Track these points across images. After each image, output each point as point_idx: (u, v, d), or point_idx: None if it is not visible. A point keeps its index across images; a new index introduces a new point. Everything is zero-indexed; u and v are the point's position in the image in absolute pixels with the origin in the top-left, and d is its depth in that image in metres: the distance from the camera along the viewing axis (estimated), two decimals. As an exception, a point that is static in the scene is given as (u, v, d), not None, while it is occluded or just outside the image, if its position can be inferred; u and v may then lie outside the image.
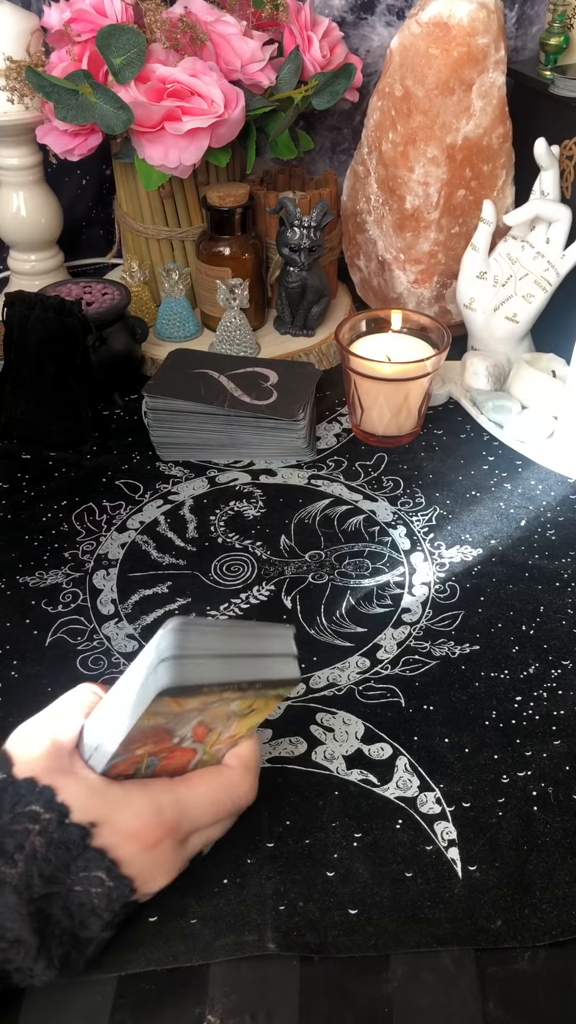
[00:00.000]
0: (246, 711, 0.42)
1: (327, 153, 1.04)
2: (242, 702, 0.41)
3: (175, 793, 0.43)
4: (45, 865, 0.39)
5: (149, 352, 0.89)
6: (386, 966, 0.44)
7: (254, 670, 0.40)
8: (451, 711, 0.56)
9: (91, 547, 0.69)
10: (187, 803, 0.43)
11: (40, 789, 0.40)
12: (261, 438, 0.76)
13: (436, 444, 0.80)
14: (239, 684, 0.39)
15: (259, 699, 0.42)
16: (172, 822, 0.42)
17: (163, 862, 0.42)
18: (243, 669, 0.39)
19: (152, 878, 0.42)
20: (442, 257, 0.87)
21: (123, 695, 0.41)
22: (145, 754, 0.42)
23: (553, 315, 0.83)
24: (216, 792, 0.44)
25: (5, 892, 0.38)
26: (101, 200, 1.07)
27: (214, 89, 0.77)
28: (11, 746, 0.43)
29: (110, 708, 0.42)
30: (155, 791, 0.42)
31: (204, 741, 0.43)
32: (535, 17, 0.95)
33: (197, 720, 0.41)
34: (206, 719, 0.41)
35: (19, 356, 0.78)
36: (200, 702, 0.39)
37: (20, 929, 0.38)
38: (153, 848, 0.41)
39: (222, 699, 0.40)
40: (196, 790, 0.43)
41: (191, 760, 0.44)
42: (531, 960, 0.44)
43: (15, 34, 0.84)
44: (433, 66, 0.77)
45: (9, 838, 0.39)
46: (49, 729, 0.43)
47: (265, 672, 0.40)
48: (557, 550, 0.68)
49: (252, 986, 0.43)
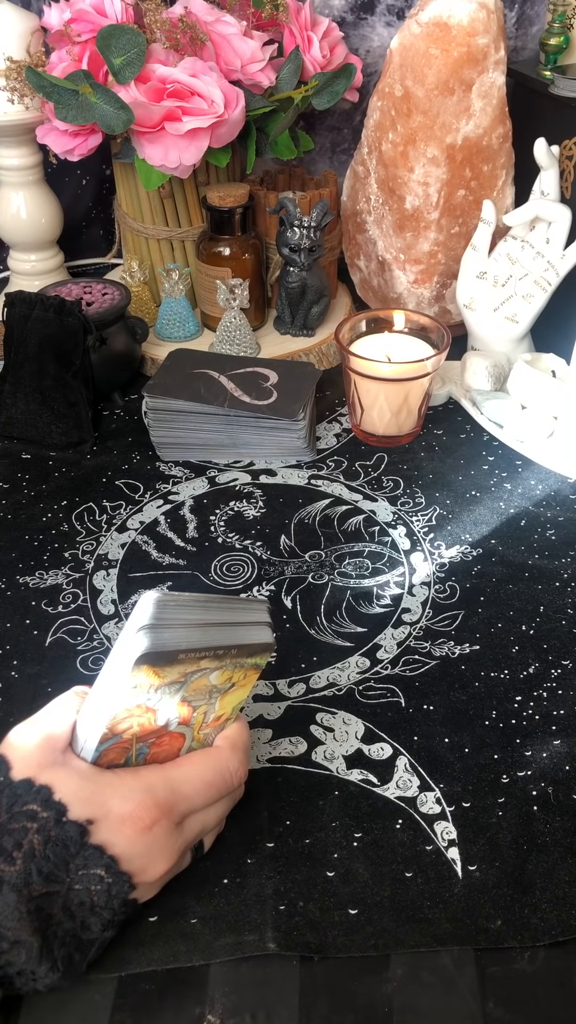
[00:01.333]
0: (226, 685, 0.43)
1: (327, 153, 1.04)
2: (221, 673, 0.42)
3: (164, 773, 0.43)
4: (44, 863, 0.39)
5: (149, 352, 0.89)
6: (386, 966, 0.44)
7: (229, 636, 0.41)
8: (451, 711, 0.56)
9: (91, 547, 0.69)
10: (177, 782, 0.43)
11: (37, 788, 0.41)
12: (261, 438, 0.76)
13: (436, 444, 0.80)
14: (215, 650, 0.40)
15: (237, 669, 0.42)
16: (164, 801, 0.42)
17: (160, 846, 0.42)
18: (218, 636, 0.40)
19: (150, 865, 0.42)
20: (442, 257, 0.87)
21: (105, 679, 0.42)
22: (134, 739, 0.42)
23: (553, 315, 0.83)
24: (205, 770, 0.44)
25: (4, 891, 0.38)
26: (101, 200, 1.07)
27: (214, 89, 0.77)
28: (5, 749, 0.43)
29: (95, 695, 0.43)
30: (146, 774, 0.43)
31: (191, 724, 0.44)
32: (535, 17, 0.95)
33: (180, 696, 0.41)
34: (188, 695, 0.42)
35: (19, 356, 0.78)
36: (179, 672, 0.40)
37: (20, 929, 0.38)
38: (149, 830, 0.41)
39: (200, 668, 0.40)
40: (184, 769, 0.44)
41: (181, 747, 0.45)
42: (531, 960, 0.44)
43: (15, 34, 0.84)
44: (433, 66, 0.77)
45: (7, 837, 0.40)
46: (41, 728, 0.44)
47: (240, 638, 0.41)
48: (557, 550, 0.68)
49: (252, 986, 0.43)
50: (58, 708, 0.45)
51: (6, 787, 0.41)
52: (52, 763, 0.42)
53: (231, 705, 0.45)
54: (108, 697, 0.41)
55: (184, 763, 0.45)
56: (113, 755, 0.43)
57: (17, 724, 0.45)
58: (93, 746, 0.42)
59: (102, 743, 0.42)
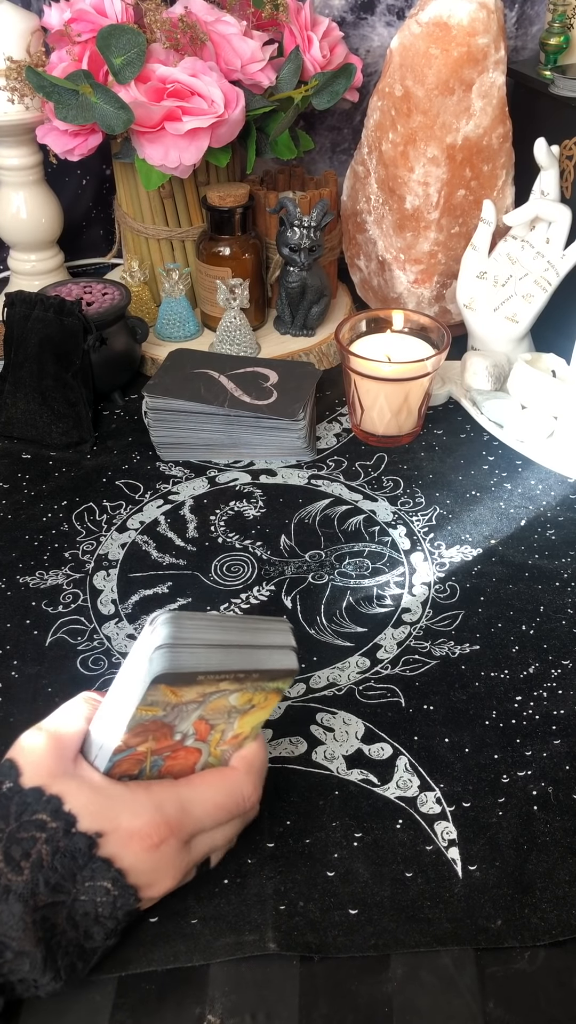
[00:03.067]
0: (246, 706, 0.42)
1: (327, 153, 1.04)
2: (241, 695, 0.41)
3: (176, 792, 0.43)
4: (51, 874, 0.39)
5: (149, 352, 0.89)
6: (386, 966, 0.44)
7: (251, 660, 0.40)
8: (451, 711, 0.56)
9: (91, 547, 0.69)
10: (189, 802, 0.43)
11: (48, 798, 0.40)
12: (261, 438, 0.76)
13: (436, 444, 0.80)
14: (235, 673, 0.39)
15: (258, 692, 0.42)
16: (174, 821, 0.42)
17: (167, 864, 0.42)
18: (240, 659, 0.40)
19: (156, 881, 0.42)
20: (442, 257, 0.87)
21: (121, 689, 0.41)
22: (148, 752, 0.42)
23: (553, 315, 0.83)
24: (217, 792, 0.44)
25: (10, 900, 0.38)
26: (101, 200, 1.07)
27: (214, 89, 0.77)
28: (16, 755, 0.42)
29: (110, 704, 0.42)
30: (158, 790, 0.42)
31: (207, 740, 0.43)
32: (535, 17, 0.95)
33: (197, 714, 0.41)
34: (206, 714, 0.41)
35: (19, 356, 0.78)
36: (197, 693, 0.39)
37: (24, 940, 0.38)
38: (157, 848, 0.41)
39: (219, 690, 0.40)
40: (197, 789, 0.43)
41: (196, 762, 0.44)
42: (531, 960, 0.44)
43: (15, 34, 0.84)
44: (433, 66, 0.77)
45: (16, 846, 0.39)
46: (52, 735, 0.43)
47: (262, 662, 0.40)
48: (557, 550, 0.68)
49: (252, 986, 0.43)
50: (68, 714, 0.44)
51: (16, 793, 0.41)
52: (63, 773, 0.41)
53: (250, 725, 0.44)
54: (124, 710, 0.40)
55: (197, 782, 0.44)
56: (127, 766, 0.42)
57: (17, 724, 0.44)
58: (107, 756, 0.41)
59: (116, 754, 0.41)
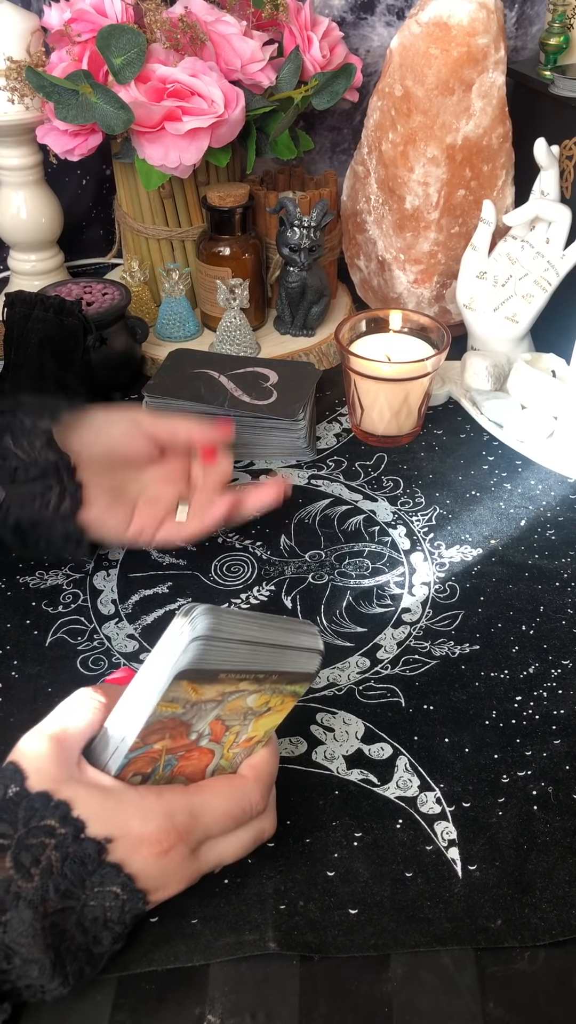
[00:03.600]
0: (262, 708, 0.43)
1: (327, 153, 1.04)
2: (259, 697, 0.41)
3: (187, 798, 0.43)
4: (61, 880, 0.39)
5: (149, 352, 0.89)
6: (386, 966, 0.44)
7: (275, 660, 0.40)
8: (451, 711, 0.56)
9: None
10: (198, 809, 0.43)
11: (56, 803, 0.40)
12: (261, 438, 0.76)
13: (436, 444, 0.80)
14: (256, 674, 0.40)
15: (275, 695, 0.42)
16: (184, 827, 0.42)
17: (175, 870, 0.42)
18: (265, 657, 0.40)
19: (164, 886, 0.42)
20: (442, 257, 0.87)
21: (143, 683, 0.41)
22: (163, 750, 0.42)
23: (553, 315, 0.83)
24: (226, 800, 0.44)
25: (20, 907, 0.38)
26: (101, 200, 1.07)
27: (214, 89, 0.77)
28: (19, 757, 0.42)
29: (130, 699, 0.42)
30: (168, 796, 0.42)
31: (221, 742, 0.43)
32: (535, 17, 0.95)
33: (215, 714, 0.41)
34: (223, 714, 0.41)
35: (19, 356, 0.78)
36: (217, 691, 0.39)
37: (34, 946, 0.38)
38: (165, 854, 0.41)
39: (239, 690, 0.40)
40: (207, 797, 0.43)
41: (209, 764, 0.44)
42: (531, 960, 0.44)
43: (15, 34, 0.84)
44: (433, 66, 0.77)
45: (25, 852, 0.39)
46: (53, 738, 0.43)
47: (285, 664, 0.41)
48: (557, 550, 0.68)
49: (252, 986, 0.43)
50: (68, 714, 0.44)
51: (23, 799, 0.40)
52: (70, 777, 0.41)
53: (264, 728, 0.45)
54: (143, 706, 0.40)
55: (207, 790, 0.44)
56: (140, 764, 0.42)
57: (17, 724, 0.44)
58: (123, 754, 0.41)
59: (131, 751, 0.41)
